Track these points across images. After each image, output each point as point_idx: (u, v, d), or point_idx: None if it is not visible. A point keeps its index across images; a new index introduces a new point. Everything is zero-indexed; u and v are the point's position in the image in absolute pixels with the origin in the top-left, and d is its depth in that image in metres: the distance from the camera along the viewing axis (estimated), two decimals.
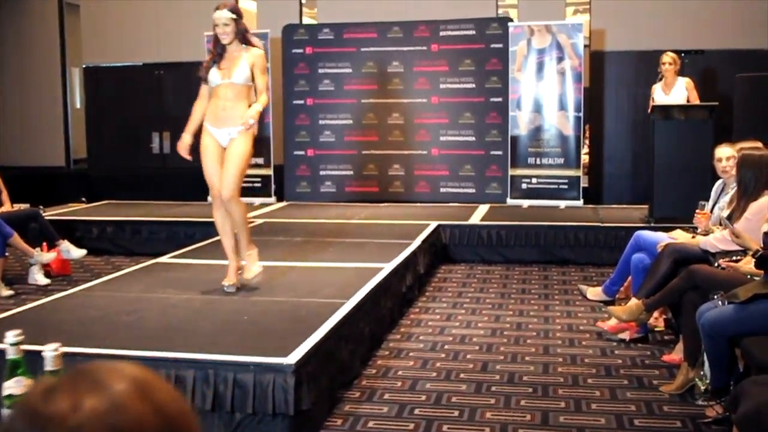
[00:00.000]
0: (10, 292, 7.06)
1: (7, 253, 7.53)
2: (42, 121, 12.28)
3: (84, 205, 10.51)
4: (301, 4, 11.25)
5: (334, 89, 10.43)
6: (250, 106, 5.17)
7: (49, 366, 1.85)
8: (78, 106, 12.96)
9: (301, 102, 10.55)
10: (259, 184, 10.55)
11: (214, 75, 5.20)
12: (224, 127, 5.14)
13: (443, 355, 5.10)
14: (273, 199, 10.52)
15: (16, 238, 7.22)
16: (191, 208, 10.13)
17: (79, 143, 12.48)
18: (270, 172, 10.54)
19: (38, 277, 7.46)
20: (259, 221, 8.75)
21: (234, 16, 5.14)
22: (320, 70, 10.43)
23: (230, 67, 5.17)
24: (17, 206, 7.82)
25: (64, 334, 4.00)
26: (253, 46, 5.26)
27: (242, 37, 5.20)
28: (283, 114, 10.59)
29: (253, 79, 5.19)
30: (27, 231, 7.63)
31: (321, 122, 10.52)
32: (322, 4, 11.17)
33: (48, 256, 7.48)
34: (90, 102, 12.06)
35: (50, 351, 1.87)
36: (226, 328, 4.45)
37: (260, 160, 10.49)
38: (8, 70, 12.34)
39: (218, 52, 5.21)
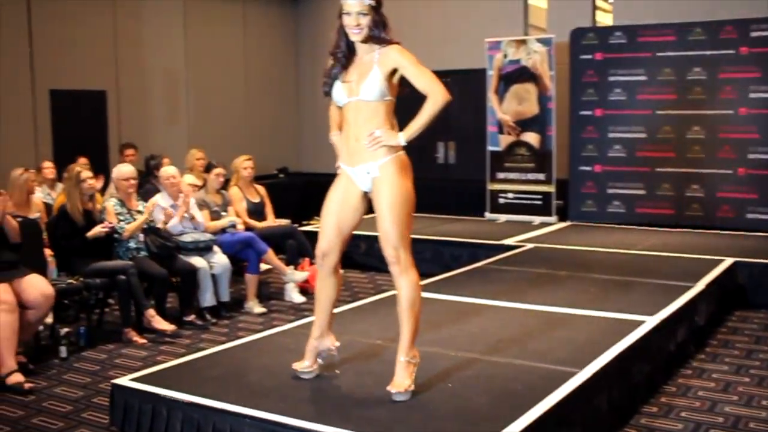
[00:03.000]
0: (262, 310, 6.99)
1: (262, 269, 7.53)
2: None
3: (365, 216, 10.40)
4: (594, 5, 10.25)
5: (625, 99, 9.40)
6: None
7: None
8: None
9: (589, 113, 9.63)
10: (539, 202, 9.80)
11: (338, 91, 3.83)
12: (360, 163, 3.76)
13: None
14: (554, 218, 9.69)
15: (270, 255, 7.14)
16: (467, 224, 9.66)
17: None
18: (551, 188, 9.72)
19: (293, 295, 7.35)
20: (529, 246, 7.99)
21: (372, 2, 3.70)
22: (611, 78, 9.45)
23: (359, 78, 3.77)
24: (279, 221, 7.76)
25: None
26: (390, 43, 3.74)
27: (378, 33, 3.73)
28: (569, 125, 9.73)
29: (397, 87, 3.76)
30: (285, 247, 7.56)
31: (610, 135, 9.55)
32: (618, 4, 10.10)
33: (300, 275, 7.32)
34: None
35: None
36: (418, 402, 3.71)
37: (541, 176, 9.73)
38: (304, 74, 12.65)
39: (343, 54, 3.81)
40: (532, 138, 9.79)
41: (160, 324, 6.12)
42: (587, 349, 4.37)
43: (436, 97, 3.65)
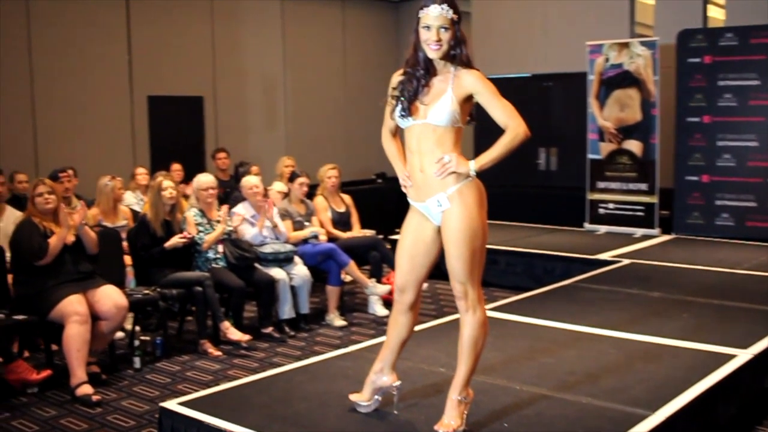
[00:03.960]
0: (343, 323, 6.86)
1: (347, 281, 7.40)
2: None
3: None
4: (705, 4, 9.67)
5: (737, 105, 8.80)
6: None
7: None
8: None
9: (697, 119, 9.07)
10: (641, 213, 9.32)
11: (404, 111, 3.48)
12: (429, 196, 3.45)
13: None
14: (657, 230, 9.19)
15: (352, 267, 7.00)
16: (564, 235, 9.29)
17: None
18: (654, 199, 9.22)
19: (376, 308, 7.20)
20: (625, 261, 7.57)
21: (454, 16, 3.39)
22: (720, 83, 8.86)
23: (430, 99, 3.44)
24: (364, 232, 7.60)
25: None
26: (468, 66, 3.42)
27: (458, 52, 3.40)
28: (675, 133, 9.20)
29: (468, 115, 3.45)
30: (368, 259, 7.41)
31: (719, 143, 8.96)
32: (732, 5, 9.49)
33: (383, 288, 7.16)
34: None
35: None
36: None
37: (643, 186, 9.25)
38: None
39: (417, 71, 3.46)
40: (634, 146, 9.31)
41: (236, 335, 6.06)
42: (667, 387, 4.02)
43: (516, 131, 3.36)
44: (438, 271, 3.66)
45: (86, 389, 5.00)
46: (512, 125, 3.37)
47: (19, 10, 8.54)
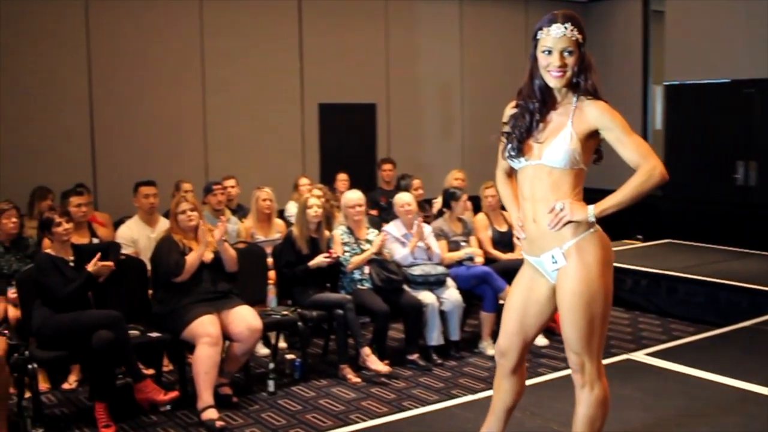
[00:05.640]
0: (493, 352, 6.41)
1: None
2: None
3: (639, 244, 9.37)
4: None
5: None
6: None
7: None
8: (658, 126, 11.76)
9: None
10: None
11: (514, 151, 3.05)
12: (543, 251, 3.02)
13: None
14: None
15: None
16: (759, 262, 8.32)
17: None
18: None
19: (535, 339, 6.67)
20: None
21: (579, 36, 2.94)
22: None
23: (547, 136, 2.99)
24: None
25: None
26: (594, 96, 2.96)
27: (582, 80, 2.96)
28: None
29: (592, 154, 3.01)
30: None
31: None
32: None
33: None
34: (670, 123, 10.81)
35: None
36: None
37: None
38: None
39: (531, 104, 3.02)
40: None
41: (375, 364, 5.78)
42: None
43: (651, 172, 2.85)
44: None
45: (211, 414, 4.88)
46: (646, 166, 2.85)
47: (193, 23, 8.71)
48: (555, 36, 2.90)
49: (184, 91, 8.69)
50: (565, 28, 2.89)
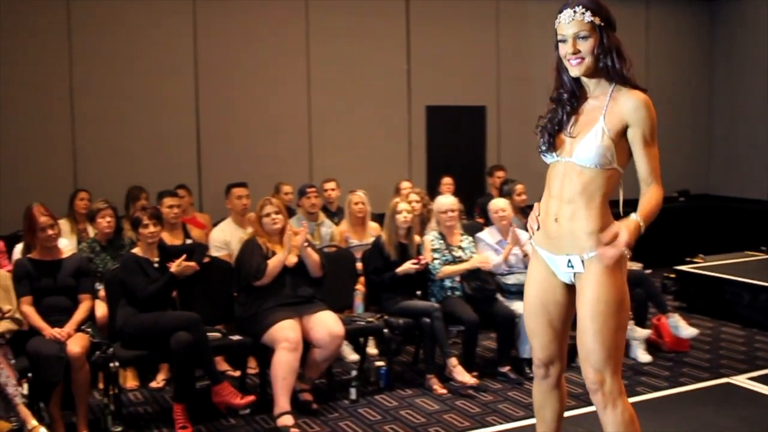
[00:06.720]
0: None
1: None
2: (747, 149, 10.75)
3: (762, 256, 8.76)
4: None
5: None
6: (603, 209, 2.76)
7: None
8: None
9: None
10: None
11: (545, 145, 2.88)
12: (561, 252, 2.81)
13: None
14: None
15: None
16: None
17: None
18: None
19: (638, 353, 6.31)
20: None
21: (593, 19, 2.71)
22: None
23: (579, 130, 2.79)
24: (631, 265, 6.71)
25: None
26: (633, 87, 2.76)
27: (612, 64, 2.74)
28: None
29: (624, 155, 2.76)
30: (631, 296, 6.51)
31: None
32: None
33: (642, 332, 6.26)
34: None
35: None
36: None
37: None
38: (721, 83, 11.07)
39: (562, 96, 2.87)
40: None
41: (461, 376, 5.58)
42: None
43: (660, 198, 2.69)
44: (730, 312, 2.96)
45: (286, 420, 4.82)
46: (657, 191, 2.69)
47: (299, 25, 8.72)
48: (565, 22, 2.75)
49: (289, 93, 8.71)
50: (574, 11, 2.72)
